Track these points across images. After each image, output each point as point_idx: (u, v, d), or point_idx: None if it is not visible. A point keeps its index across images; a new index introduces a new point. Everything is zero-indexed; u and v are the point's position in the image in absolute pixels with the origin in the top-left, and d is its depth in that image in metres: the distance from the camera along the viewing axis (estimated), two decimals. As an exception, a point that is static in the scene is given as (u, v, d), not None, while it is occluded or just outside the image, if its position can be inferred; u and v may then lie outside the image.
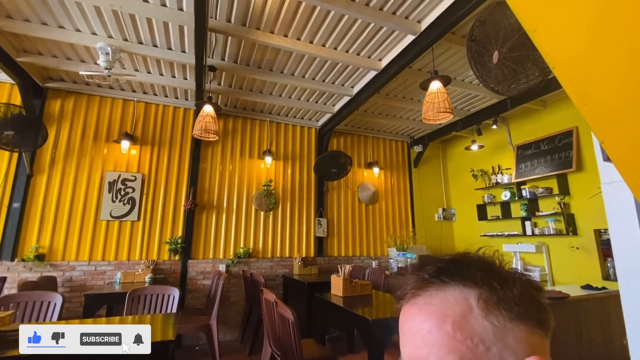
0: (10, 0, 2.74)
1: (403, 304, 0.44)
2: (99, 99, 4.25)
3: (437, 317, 0.38)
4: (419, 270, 0.45)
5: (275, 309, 2.36)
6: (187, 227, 4.30)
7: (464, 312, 0.37)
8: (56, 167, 3.95)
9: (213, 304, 3.61)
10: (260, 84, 4.14)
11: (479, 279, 0.40)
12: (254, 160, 4.90)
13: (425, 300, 0.41)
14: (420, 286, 0.42)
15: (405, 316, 0.43)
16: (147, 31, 3.11)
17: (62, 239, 3.82)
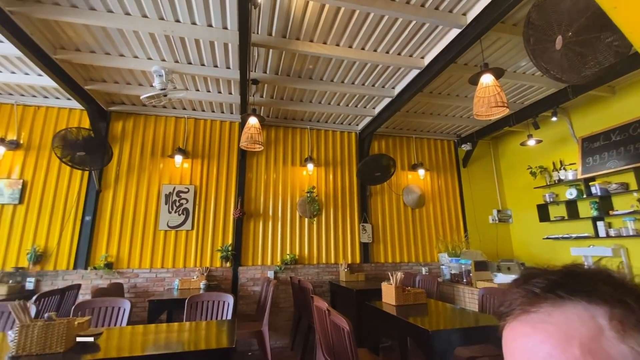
0: (78, 35, 3.07)
1: (509, 321, 0.40)
2: (154, 118, 4.60)
3: (558, 338, 0.34)
4: (524, 283, 0.40)
5: (327, 317, 2.33)
6: (237, 234, 4.46)
7: (593, 334, 0.33)
8: (120, 182, 4.32)
9: (264, 311, 3.68)
10: (300, 93, 4.20)
11: (608, 295, 0.35)
12: (297, 168, 4.96)
13: (541, 317, 0.36)
14: (532, 302, 0.38)
15: (515, 335, 0.38)
16: (195, 51, 3.30)
17: (127, 248, 4.15)
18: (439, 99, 4.33)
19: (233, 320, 2.25)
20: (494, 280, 3.77)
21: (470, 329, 2.19)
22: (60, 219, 4.05)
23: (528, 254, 5.19)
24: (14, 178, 4.04)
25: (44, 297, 2.96)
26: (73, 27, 2.94)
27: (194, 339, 1.85)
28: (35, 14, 2.70)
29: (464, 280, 4.08)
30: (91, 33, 3.03)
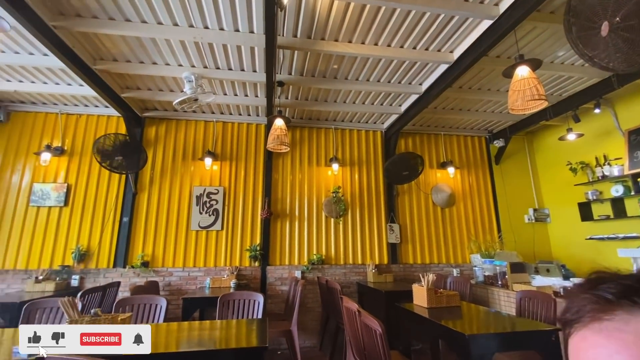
0: (115, 46, 3.24)
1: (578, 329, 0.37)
2: (185, 122, 4.78)
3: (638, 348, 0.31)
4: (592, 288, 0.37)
5: (357, 318, 2.30)
6: (264, 234, 4.53)
7: None
8: (154, 185, 4.52)
9: (292, 310, 3.71)
10: (324, 93, 4.20)
11: None
12: (322, 168, 4.97)
13: (616, 326, 0.33)
14: (604, 309, 0.35)
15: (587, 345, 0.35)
16: (223, 56, 3.39)
17: (161, 247, 4.34)
18: (469, 93, 4.17)
19: (264, 320, 2.27)
20: (532, 283, 3.57)
21: (510, 334, 2.08)
22: (100, 220, 4.30)
23: (569, 256, 4.87)
24: (60, 182, 4.34)
25: (88, 294, 3.16)
26: (110, 39, 3.11)
27: (228, 337, 1.89)
28: (76, 28, 2.88)
29: (498, 283, 3.90)
30: (127, 43, 3.18)
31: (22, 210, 4.19)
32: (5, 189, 4.22)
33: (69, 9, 2.75)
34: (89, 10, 2.76)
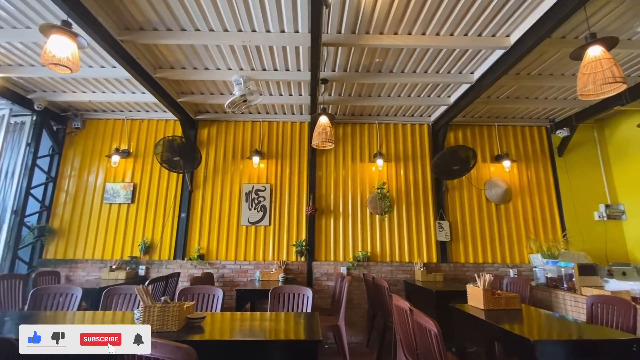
0: (172, 54, 3.49)
1: None
2: (234, 123, 5.02)
3: None
4: None
5: (409, 317, 2.25)
6: (310, 230, 4.61)
7: None
8: (207, 183, 4.81)
9: (338, 305, 3.74)
10: (368, 88, 4.14)
11: None
12: (366, 164, 4.91)
13: None
14: None
15: None
16: (269, 57, 3.49)
17: (215, 241, 4.62)
18: (528, 80, 3.84)
19: (316, 314, 2.32)
20: (606, 287, 3.21)
21: (582, 342, 1.90)
22: (162, 216, 4.70)
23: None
24: (127, 181, 4.81)
25: (153, 282, 3.47)
26: (168, 48, 3.36)
27: (283, 329, 1.97)
28: (140, 40, 3.15)
29: (564, 286, 3.57)
30: (182, 51, 3.42)
31: (97, 207, 4.72)
32: (84, 188, 4.78)
33: (133, 23, 3.02)
34: (150, 23, 3.01)
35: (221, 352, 1.76)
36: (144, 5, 2.77)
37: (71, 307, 2.78)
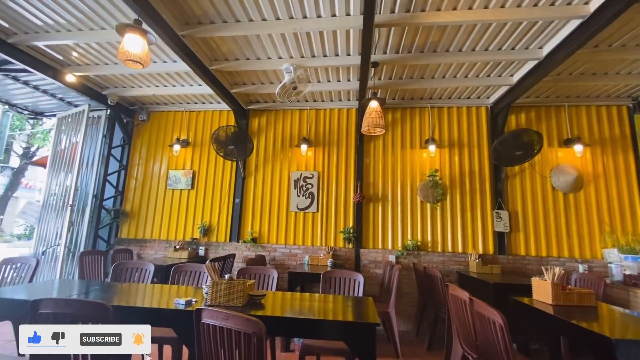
0: (227, 46, 3.62)
1: None
2: (282, 112, 5.12)
3: None
4: None
5: (467, 307, 2.17)
6: (357, 218, 4.60)
7: None
8: (259, 170, 5.01)
9: (387, 293, 3.72)
10: (421, 70, 3.95)
11: None
12: (416, 151, 4.74)
13: None
14: None
15: None
16: (319, 44, 3.47)
17: (266, 226, 4.82)
18: (608, 53, 3.38)
19: (369, 299, 2.33)
20: None
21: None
22: (218, 201, 5.01)
23: None
24: (187, 169, 5.18)
25: (213, 262, 3.73)
26: (224, 40, 3.50)
27: (341, 311, 2.01)
28: (198, 34, 3.31)
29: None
30: (236, 43, 3.54)
31: (162, 192, 5.17)
32: (150, 175, 5.25)
33: (192, 18, 3.18)
34: (208, 16, 3.15)
35: (282, 328, 1.86)
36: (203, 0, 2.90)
37: (145, 280, 3.11)
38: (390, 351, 3.38)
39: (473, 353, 2.22)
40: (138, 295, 2.29)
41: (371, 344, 1.70)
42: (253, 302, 2.07)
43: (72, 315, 1.52)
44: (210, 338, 1.42)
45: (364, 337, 1.72)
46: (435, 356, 3.40)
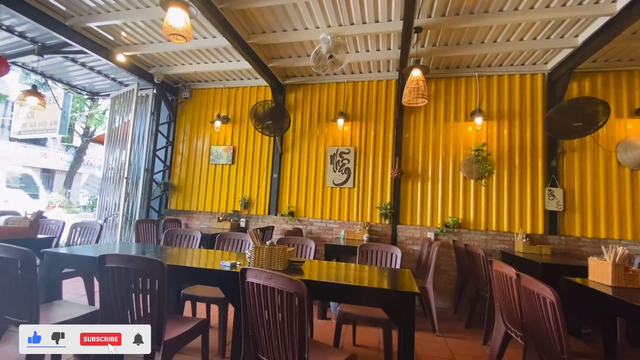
0: (263, 16, 3.58)
1: None
2: (319, 86, 5.05)
3: None
4: None
5: (513, 284, 2.07)
6: (395, 194, 4.51)
7: None
8: (295, 146, 5.05)
9: (425, 269, 3.67)
10: (470, 34, 3.63)
11: None
12: (460, 124, 4.47)
13: None
14: None
15: None
16: (358, 10, 3.31)
17: (303, 200, 4.91)
18: None
19: (407, 271, 2.31)
20: None
21: None
22: (257, 175, 5.16)
23: None
24: (228, 144, 5.36)
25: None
26: (261, 11, 3.46)
27: (378, 280, 2.02)
28: (236, 6, 3.30)
29: None
30: (273, 13, 3.48)
31: (205, 167, 5.42)
32: (194, 151, 5.52)
33: (230, -10, 3.17)
34: (245, -13, 3.11)
35: (321, 292, 1.91)
36: (240, -32, 2.86)
37: (193, 246, 3.34)
38: (427, 326, 3.37)
39: (518, 331, 2.13)
40: (187, 258, 2.46)
41: (410, 313, 1.69)
42: (293, 267, 2.14)
43: (134, 270, 1.68)
44: (254, 296, 1.50)
45: (403, 306, 1.72)
46: (473, 334, 3.34)
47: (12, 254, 1.78)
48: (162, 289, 1.66)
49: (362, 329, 3.18)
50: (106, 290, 1.72)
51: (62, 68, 5.23)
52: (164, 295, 1.68)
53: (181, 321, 2.01)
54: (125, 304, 1.70)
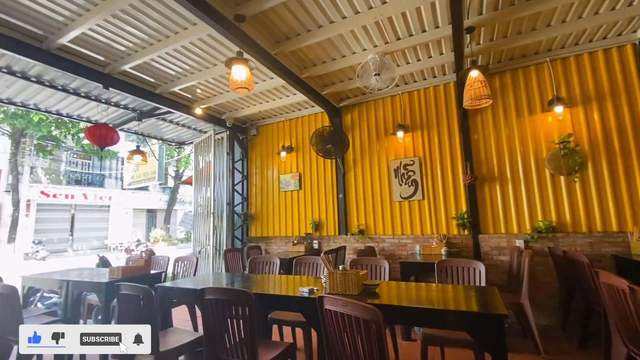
0: (313, 52, 3.82)
1: None
2: (373, 103, 5.10)
3: None
4: None
5: (628, 298, 1.77)
6: (471, 201, 4.21)
7: None
8: (357, 164, 5.12)
9: (518, 282, 3.31)
10: (531, 20, 3.33)
11: None
12: (537, 116, 4.03)
13: None
14: None
15: None
16: (402, 25, 3.33)
17: (371, 217, 4.90)
18: None
19: (493, 289, 2.15)
20: None
21: None
22: (324, 197, 5.35)
23: None
24: (294, 172, 5.70)
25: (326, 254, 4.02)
26: (310, 48, 3.71)
27: (462, 301, 1.92)
28: (288, 49, 3.61)
29: None
30: (321, 47, 3.71)
31: (276, 195, 5.83)
32: (266, 182, 5.99)
33: (280, 36, 3.49)
34: (294, 30, 3.40)
35: (399, 317, 1.89)
36: (287, 16, 3.15)
37: (274, 271, 3.60)
38: (529, 347, 3.01)
39: (644, 353, 1.79)
40: (270, 285, 2.68)
41: (500, 337, 1.57)
42: (368, 291, 2.17)
43: (228, 301, 1.92)
44: (333, 323, 1.58)
45: (490, 329, 1.61)
46: (591, 354, 2.86)
47: (136, 291, 2.19)
48: (252, 315, 1.86)
49: (451, 351, 2.99)
50: (207, 318, 1.99)
51: (155, 127, 6.27)
52: (254, 321, 1.87)
53: (271, 345, 2.19)
54: (223, 330, 1.94)
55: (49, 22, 3.06)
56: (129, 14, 3.00)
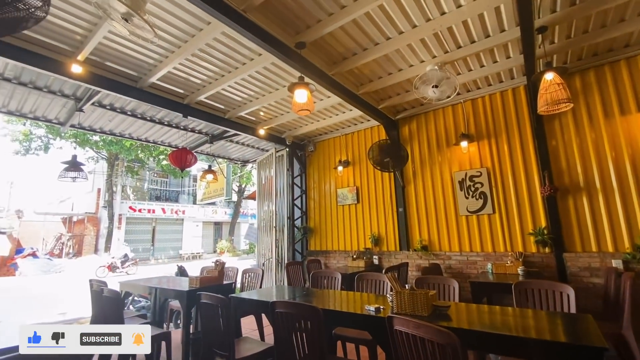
0: (370, 69, 3.87)
1: None
2: (432, 113, 4.94)
3: None
4: None
5: None
6: (551, 215, 3.78)
7: None
8: (417, 177, 4.96)
9: (618, 309, 2.85)
10: (618, 10, 2.96)
11: None
12: (632, 116, 3.51)
13: None
14: None
15: None
16: (463, 33, 3.21)
17: (435, 232, 4.67)
18: None
19: (588, 317, 1.89)
20: None
21: None
22: (382, 212, 5.26)
23: None
24: (351, 186, 5.72)
25: (388, 271, 3.92)
26: (367, 65, 3.77)
27: (548, 329, 1.73)
28: (344, 69, 3.72)
29: None
30: (378, 63, 3.74)
31: (334, 209, 5.90)
32: (324, 196, 6.11)
33: (337, 57, 3.62)
34: (350, 50, 3.50)
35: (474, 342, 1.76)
36: (343, 37, 3.26)
37: (335, 286, 3.61)
38: (638, 388, 2.53)
39: None
40: (335, 301, 2.70)
41: (601, 375, 1.37)
42: (438, 312, 2.07)
43: (296, 314, 1.99)
44: (405, 345, 1.54)
45: (588, 365, 1.41)
46: None
47: (215, 301, 2.39)
48: (321, 331, 1.90)
49: (537, 385, 2.65)
50: (278, 330, 2.08)
51: (223, 148, 6.86)
52: (323, 336, 1.91)
53: (338, 362, 2.19)
54: (293, 343, 2.01)
55: (142, 64, 3.61)
56: (205, 51, 3.39)
